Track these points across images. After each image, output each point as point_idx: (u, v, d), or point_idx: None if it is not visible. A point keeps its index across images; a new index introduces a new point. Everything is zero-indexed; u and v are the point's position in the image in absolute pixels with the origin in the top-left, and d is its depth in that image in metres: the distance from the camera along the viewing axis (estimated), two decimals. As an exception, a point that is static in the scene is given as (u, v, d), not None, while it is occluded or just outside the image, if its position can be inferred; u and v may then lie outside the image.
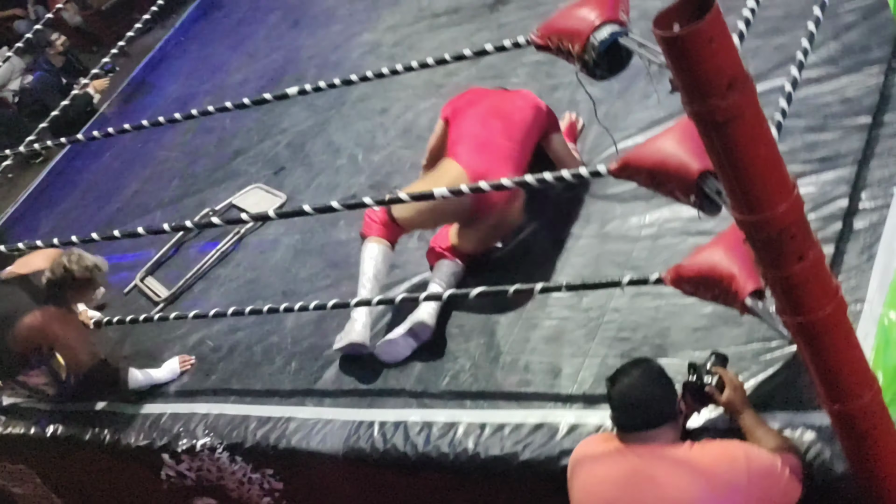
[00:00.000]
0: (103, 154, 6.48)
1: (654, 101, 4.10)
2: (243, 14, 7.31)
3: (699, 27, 1.81)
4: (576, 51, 2.36)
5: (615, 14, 2.33)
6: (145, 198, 5.82)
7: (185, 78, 6.92)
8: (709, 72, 1.86)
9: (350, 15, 6.38)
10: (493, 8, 5.47)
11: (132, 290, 5.01)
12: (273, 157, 5.40)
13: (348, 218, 4.52)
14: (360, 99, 5.38)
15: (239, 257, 4.84)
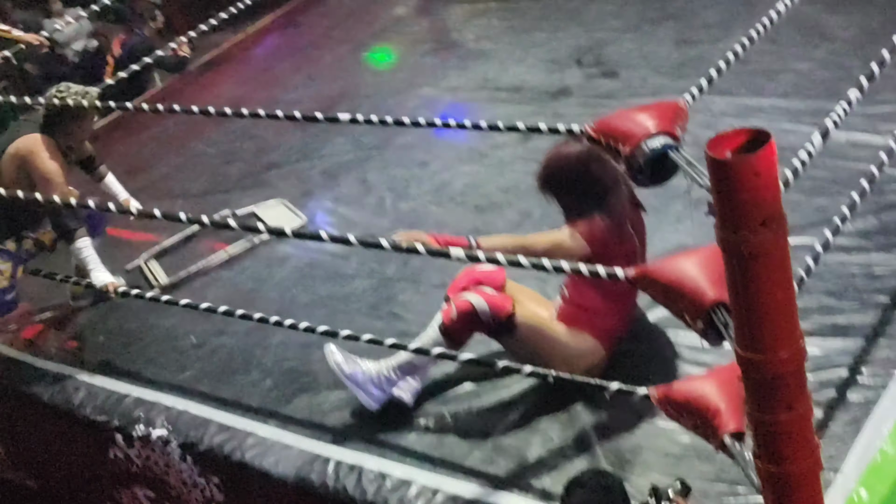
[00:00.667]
0: (143, 131, 6.53)
1: (686, 226, 4.15)
2: (315, 38, 7.43)
3: (750, 158, 1.84)
4: (625, 152, 2.39)
5: (671, 128, 2.37)
6: (171, 184, 5.86)
7: (243, 83, 7.01)
8: (748, 203, 1.88)
9: (416, 66, 6.48)
10: (555, 97, 5.56)
11: (134, 269, 5.01)
12: (305, 179, 5.44)
13: (360, 256, 4.55)
14: (403, 146, 5.44)
15: (245, 265, 4.85)
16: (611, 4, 6.53)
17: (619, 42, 5.96)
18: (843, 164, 4.27)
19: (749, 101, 4.92)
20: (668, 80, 5.33)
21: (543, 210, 4.54)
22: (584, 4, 6.65)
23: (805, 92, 4.92)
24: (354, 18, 7.59)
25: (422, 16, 7.46)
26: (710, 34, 5.75)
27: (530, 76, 5.85)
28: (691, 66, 5.40)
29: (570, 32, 6.27)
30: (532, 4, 6.91)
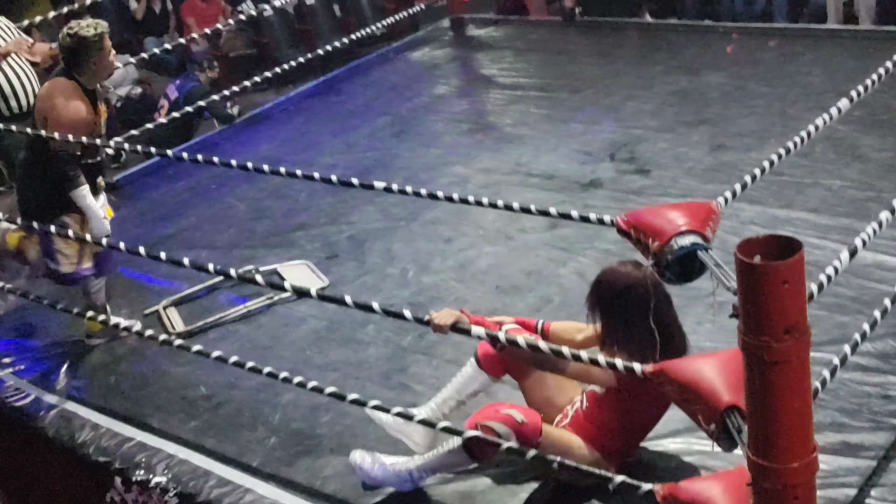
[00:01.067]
0: (178, 180, 6.62)
1: (706, 329, 4.14)
2: (355, 106, 7.55)
3: (779, 265, 1.86)
4: (654, 247, 2.42)
5: (703, 228, 2.40)
6: (198, 235, 5.91)
7: (280, 143, 7.11)
8: (773, 310, 1.90)
9: (452, 144, 6.57)
10: (585, 188, 5.61)
11: (152, 314, 5.04)
12: (331, 243, 5.49)
13: (377, 324, 4.57)
14: (431, 221, 5.49)
15: (263, 321, 4.87)
16: (648, 104, 6.62)
17: (653, 141, 6.04)
18: (866, 284, 4.28)
19: (778, 212, 4.96)
20: (699, 183, 5.38)
21: (563, 298, 4.58)
22: (621, 101, 6.75)
23: (834, 209, 4.95)
24: (396, 92, 7.72)
25: (462, 97, 7.58)
26: (743, 142, 5.81)
27: (563, 165, 5.91)
28: (723, 171, 5.46)
29: (605, 126, 6.36)
30: (570, 96, 7.02)
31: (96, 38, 4.32)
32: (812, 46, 7.16)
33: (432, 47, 8.64)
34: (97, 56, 4.37)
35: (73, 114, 4.35)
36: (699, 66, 7.16)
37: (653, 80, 7.02)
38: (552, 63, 7.84)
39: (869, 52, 6.67)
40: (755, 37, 7.69)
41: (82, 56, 4.36)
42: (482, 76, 7.96)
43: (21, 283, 5.09)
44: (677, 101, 6.59)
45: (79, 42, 4.33)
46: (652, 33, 8.24)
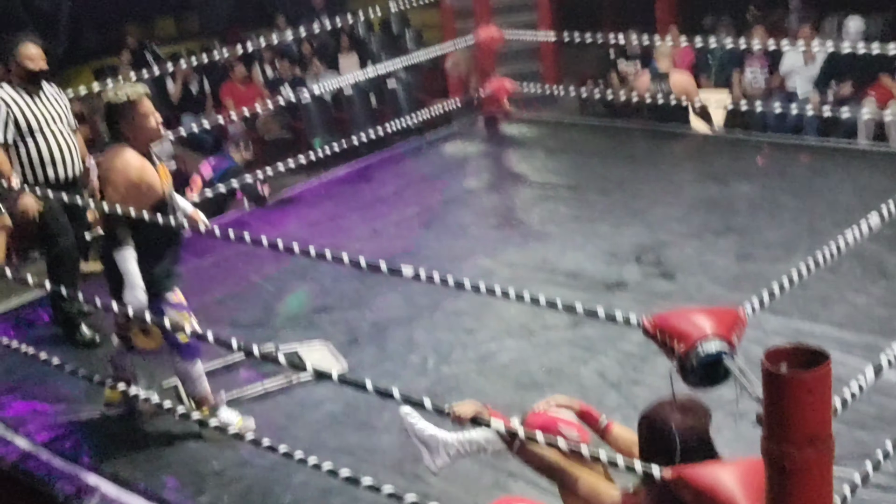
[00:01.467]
0: (206, 255, 6.68)
1: (725, 437, 4.10)
2: (386, 195, 7.64)
3: (805, 375, 1.86)
4: (679, 351, 2.42)
5: (728, 335, 2.40)
6: (222, 311, 5.94)
7: (309, 225, 7.18)
8: (798, 419, 1.90)
9: (478, 238, 6.62)
10: (610, 289, 5.62)
11: (170, 387, 5.05)
12: (353, 327, 5.51)
13: (393, 411, 4.53)
14: (454, 312, 5.50)
15: (279, 401, 4.87)
16: (676, 209, 6.67)
17: (680, 246, 6.06)
18: (888, 403, 4.26)
19: (802, 324, 4.94)
20: (725, 291, 5.38)
21: (583, 398, 4.50)
22: (649, 205, 6.80)
23: (859, 325, 4.93)
24: (427, 183, 7.81)
25: (492, 191, 7.67)
26: (770, 253, 5.83)
27: (589, 265, 5.94)
28: (748, 280, 5.46)
29: (633, 229, 6.39)
30: (599, 198, 7.08)
31: (126, 103, 4.32)
32: (842, 163, 7.21)
33: (465, 141, 8.77)
34: (130, 120, 4.35)
35: (130, 174, 4.30)
36: (728, 176, 7.22)
37: (681, 186, 7.08)
38: (583, 164, 7.93)
39: (899, 172, 6.72)
40: (785, 150, 7.77)
41: (115, 120, 4.38)
42: (513, 172, 8.06)
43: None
44: (705, 209, 6.63)
45: (108, 108, 4.38)
46: (683, 141, 8.33)
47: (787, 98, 9.80)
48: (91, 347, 5.56)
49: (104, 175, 4.39)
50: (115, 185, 4.31)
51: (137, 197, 4.28)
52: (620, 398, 4.55)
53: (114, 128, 4.41)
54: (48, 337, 5.67)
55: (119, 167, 4.31)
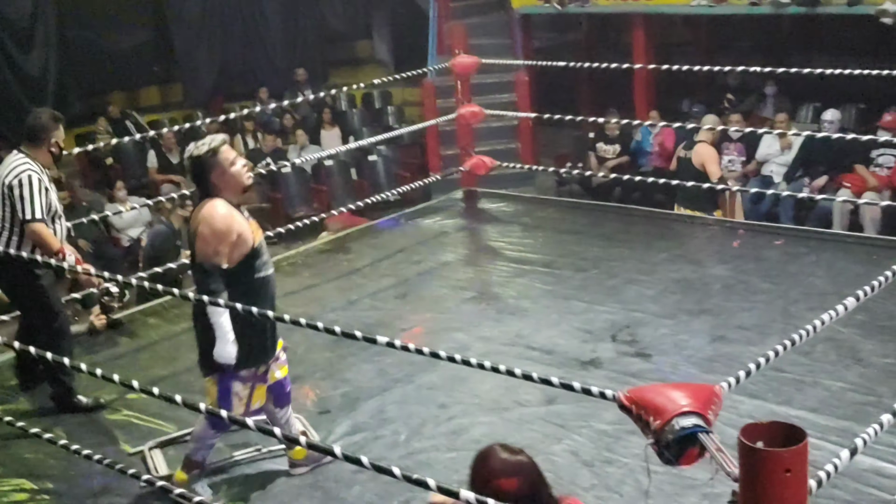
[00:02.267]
0: (179, 322, 6.61)
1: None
2: (363, 266, 7.62)
3: (783, 452, 1.84)
4: (655, 426, 2.39)
5: (705, 411, 2.38)
6: (193, 378, 5.78)
7: (284, 296, 7.10)
8: (774, 497, 1.87)
9: (454, 311, 6.60)
10: (584, 366, 5.60)
11: (136, 454, 4.95)
12: (325, 399, 5.45)
13: (364, 486, 4.49)
14: (428, 386, 5.46)
15: (246, 471, 4.79)
16: (651, 289, 6.68)
17: (654, 326, 6.06)
18: (864, 489, 4.24)
19: (777, 408, 4.93)
20: (699, 372, 5.36)
21: (555, 475, 4.49)
22: (624, 284, 6.81)
23: (833, 410, 4.92)
24: (403, 256, 7.81)
25: (468, 266, 7.67)
26: (744, 335, 5.83)
27: (563, 341, 5.92)
28: (722, 362, 5.45)
29: (608, 307, 6.40)
30: (574, 274, 7.09)
31: (210, 154, 4.28)
32: (816, 248, 7.27)
33: (443, 216, 8.80)
34: (219, 170, 4.29)
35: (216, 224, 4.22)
36: (703, 258, 7.27)
37: (656, 266, 7.11)
38: (559, 241, 7.96)
39: (873, 259, 6.77)
40: (760, 234, 7.83)
41: (205, 174, 4.30)
42: (489, 247, 8.08)
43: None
44: (680, 290, 6.65)
45: (195, 163, 4.32)
46: (658, 221, 8.39)
47: (763, 184, 9.93)
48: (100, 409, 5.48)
49: (193, 229, 4.31)
50: (203, 237, 4.22)
51: (228, 247, 4.23)
52: (593, 477, 4.50)
53: (203, 183, 4.32)
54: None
55: (206, 216, 4.23)
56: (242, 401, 4.41)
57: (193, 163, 4.33)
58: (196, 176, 4.34)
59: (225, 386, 4.37)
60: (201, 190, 4.35)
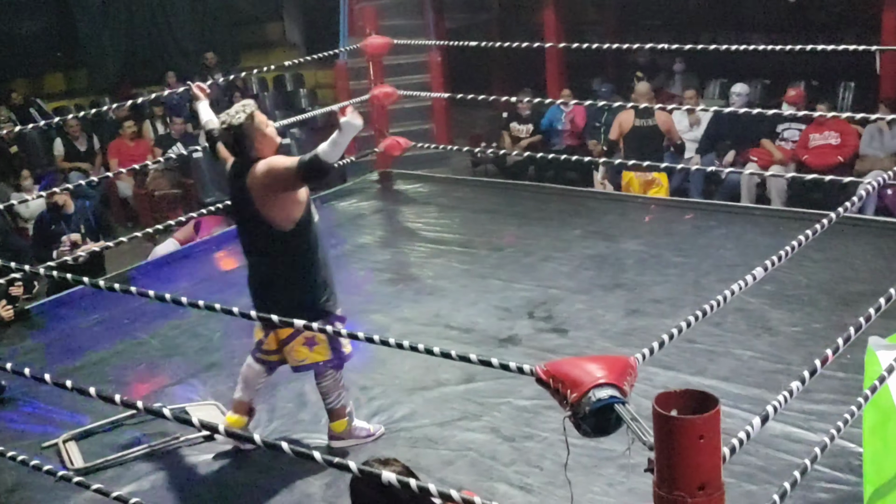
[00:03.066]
0: (91, 313, 6.49)
1: (618, 491, 4.14)
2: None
3: (696, 419, 1.88)
4: (571, 398, 2.42)
5: (620, 382, 2.42)
6: (107, 369, 5.77)
7: (199, 281, 7.06)
8: (688, 464, 1.91)
9: (372, 293, 6.59)
10: (502, 343, 5.64)
11: (51, 447, 4.85)
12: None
13: (285, 474, 4.46)
14: (347, 368, 5.37)
15: (164, 461, 4.72)
16: (566, 265, 6.75)
17: (570, 302, 6.13)
18: (775, 455, 4.34)
19: (690, 378, 5.03)
20: (614, 346, 5.45)
21: (477, 453, 4.54)
22: (539, 261, 6.88)
23: (745, 378, 5.04)
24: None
25: (385, 247, 7.65)
26: (658, 308, 5.94)
27: (481, 320, 5.96)
28: (637, 335, 5.54)
29: (524, 285, 6.45)
30: (491, 253, 7.13)
31: (248, 119, 4.39)
32: (725, 221, 7.43)
33: (358, 198, 8.77)
34: (259, 134, 4.42)
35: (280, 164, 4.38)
36: (616, 233, 7.37)
37: (571, 243, 7.19)
38: (474, 220, 8.00)
39: (780, 230, 6.94)
40: (671, 209, 7.96)
41: (245, 140, 4.41)
42: (406, 229, 8.07)
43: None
44: (594, 265, 6.74)
45: (235, 132, 4.40)
46: (572, 199, 8.48)
47: (672, 160, 10.09)
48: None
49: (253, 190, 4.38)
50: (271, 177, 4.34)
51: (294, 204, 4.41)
52: (514, 452, 4.54)
53: (245, 150, 4.42)
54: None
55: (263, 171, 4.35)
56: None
57: (235, 131, 4.40)
58: (238, 143, 4.44)
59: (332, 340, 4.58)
60: (243, 157, 4.45)
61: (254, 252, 4.59)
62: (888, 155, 9.20)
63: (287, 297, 4.49)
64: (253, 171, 4.38)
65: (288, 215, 4.42)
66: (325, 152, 4.28)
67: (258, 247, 4.54)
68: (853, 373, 4.87)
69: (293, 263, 4.48)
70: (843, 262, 6.36)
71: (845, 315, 5.42)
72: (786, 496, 3.29)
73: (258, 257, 4.57)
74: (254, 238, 4.54)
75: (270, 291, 4.54)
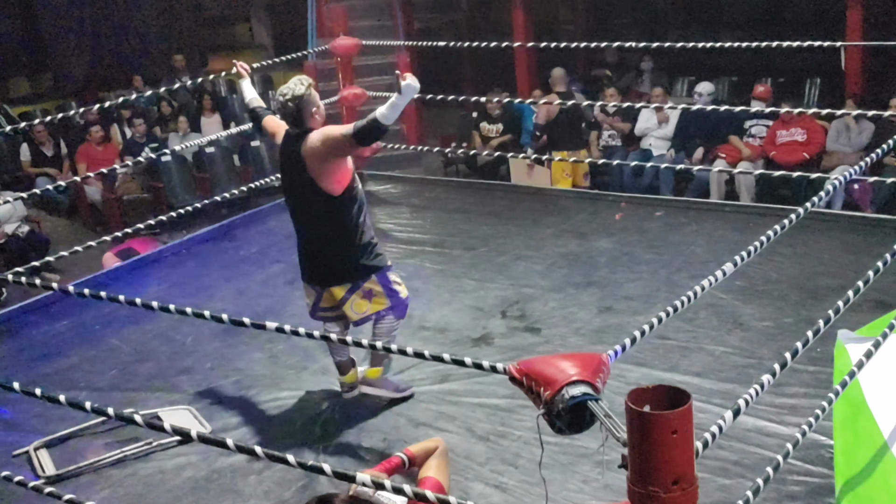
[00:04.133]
0: (60, 319, 6.44)
1: (594, 487, 4.16)
2: (249, 253, 7.53)
3: (669, 414, 1.89)
4: (545, 396, 2.42)
5: (593, 379, 2.42)
6: (78, 375, 5.72)
7: (170, 286, 7.01)
8: (662, 460, 1.92)
9: (345, 295, 6.56)
10: (476, 343, 5.65)
11: (22, 454, 4.81)
12: (216, 389, 5.37)
13: (259, 476, 4.45)
14: (321, 370, 5.43)
15: (137, 467, 4.69)
16: (539, 264, 6.77)
17: (543, 300, 6.14)
18: (748, 449, 4.37)
19: (663, 374, 5.05)
20: (587, 343, 5.47)
21: (451, 452, 4.53)
22: (512, 261, 6.89)
23: (717, 374, 5.07)
24: (291, 241, 7.66)
25: (357, 249, 7.63)
26: (630, 305, 5.96)
27: (455, 319, 5.96)
28: (610, 332, 5.57)
29: (497, 284, 6.46)
30: (463, 253, 7.14)
31: (309, 90, 4.73)
32: (696, 218, 7.47)
33: (330, 200, 8.73)
34: (315, 106, 4.76)
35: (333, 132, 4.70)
36: (588, 231, 7.39)
37: (543, 241, 7.21)
38: (447, 221, 8.00)
39: (749, 226, 6.99)
40: (642, 206, 8.00)
41: (307, 110, 4.72)
42: (379, 230, 8.00)
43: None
44: (567, 264, 6.76)
45: (300, 101, 4.69)
46: (543, 197, 8.51)
47: (643, 157, 10.15)
48: None
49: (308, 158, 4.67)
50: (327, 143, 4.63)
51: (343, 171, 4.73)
52: (489, 451, 4.55)
53: (302, 120, 4.74)
54: None
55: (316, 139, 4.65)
56: (401, 285, 4.99)
57: (297, 101, 4.69)
58: (297, 112, 4.71)
59: (385, 280, 4.91)
60: (300, 126, 4.74)
61: (305, 218, 4.90)
62: (855, 151, 9.29)
63: (338, 257, 4.84)
64: (308, 140, 4.69)
65: (338, 182, 4.71)
66: (384, 115, 4.58)
67: (310, 212, 4.84)
68: (823, 366, 4.91)
69: (343, 226, 4.78)
70: (812, 256, 6.42)
71: (815, 309, 5.47)
72: (759, 491, 3.32)
73: (310, 222, 4.89)
74: (306, 204, 4.83)
75: (322, 253, 4.89)
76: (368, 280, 4.87)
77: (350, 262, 4.83)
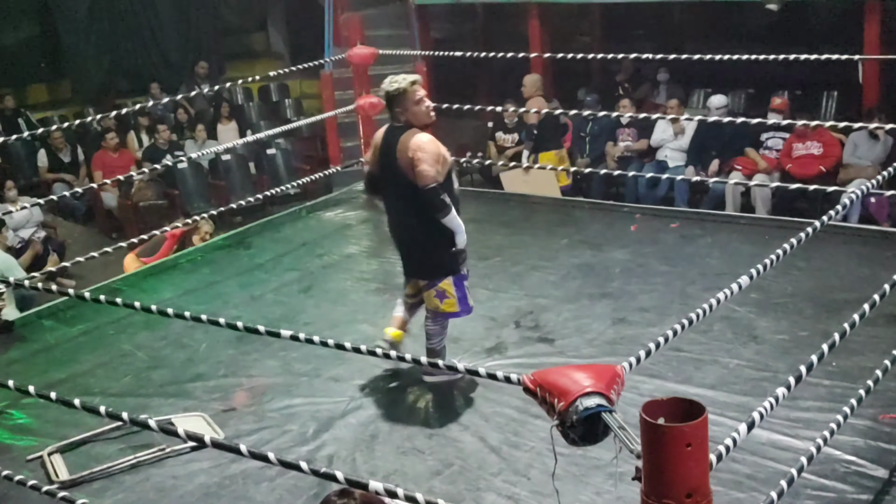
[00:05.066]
0: (75, 324, 6.46)
1: (606, 499, 4.14)
2: (265, 261, 7.55)
3: (683, 427, 1.88)
4: (559, 407, 2.42)
5: (607, 390, 2.42)
6: (92, 381, 5.73)
7: (184, 292, 7.03)
8: (676, 472, 1.91)
9: (359, 303, 6.57)
10: (489, 353, 5.64)
11: (35, 459, 4.82)
12: (230, 396, 5.37)
13: (271, 483, 4.45)
14: (333, 378, 5.43)
15: (150, 473, 4.69)
16: (553, 275, 6.76)
17: (557, 311, 6.13)
18: (762, 462, 4.34)
19: (677, 386, 5.03)
20: (601, 354, 5.45)
21: (463, 463, 4.53)
22: (527, 271, 6.88)
23: (731, 386, 5.05)
24: (306, 249, 7.76)
25: (372, 257, 7.65)
26: (644, 317, 5.95)
27: (468, 329, 5.95)
28: (624, 344, 5.55)
29: (511, 294, 6.46)
30: (477, 263, 7.09)
31: (398, 91, 4.99)
32: (711, 230, 7.46)
33: (345, 208, 8.76)
34: (406, 105, 5.00)
35: (438, 149, 4.96)
36: (603, 242, 7.38)
37: (558, 252, 7.20)
38: (461, 231, 7.98)
39: (765, 239, 6.97)
40: (657, 218, 7.98)
41: (393, 107, 5.01)
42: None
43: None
44: (581, 274, 6.74)
45: (387, 97, 5.03)
46: (559, 209, 8.50)
47: (658, 169, 10.14)
48: None
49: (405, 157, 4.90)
50: (424, 162, 4.85)
51: (443, 167, 4.93)
52: (501, 462, 4.54)
53: (394, 115, 5.05)
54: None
55: (417, 146, 4.89)
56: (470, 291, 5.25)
57: (387, 97, 5.04)
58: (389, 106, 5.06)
59: (459, 283, 5.13)
60: (394, 120, 5.06)
61: (398, 210, 5.12)
62: (872, 164, 9.25)
63: (423, 252, 5.07)
64: (403, 140, 4.93)
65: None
66: (459, 235, 5.02)
67: (402, 205, 5.04)
68: (838, 380, 4.90)
69: (430, 221, 4.93)
70: (828, 270, 6.39)
71: (830, 322, 5.44)
72: (773, 505, 3.30)
73: (401, 214, 5.11)
74: (398, 197, 5.04)
75: (411, 246, 5.15)
76: (443, 281, 5.06)
77: (432, 258, 5.05)
